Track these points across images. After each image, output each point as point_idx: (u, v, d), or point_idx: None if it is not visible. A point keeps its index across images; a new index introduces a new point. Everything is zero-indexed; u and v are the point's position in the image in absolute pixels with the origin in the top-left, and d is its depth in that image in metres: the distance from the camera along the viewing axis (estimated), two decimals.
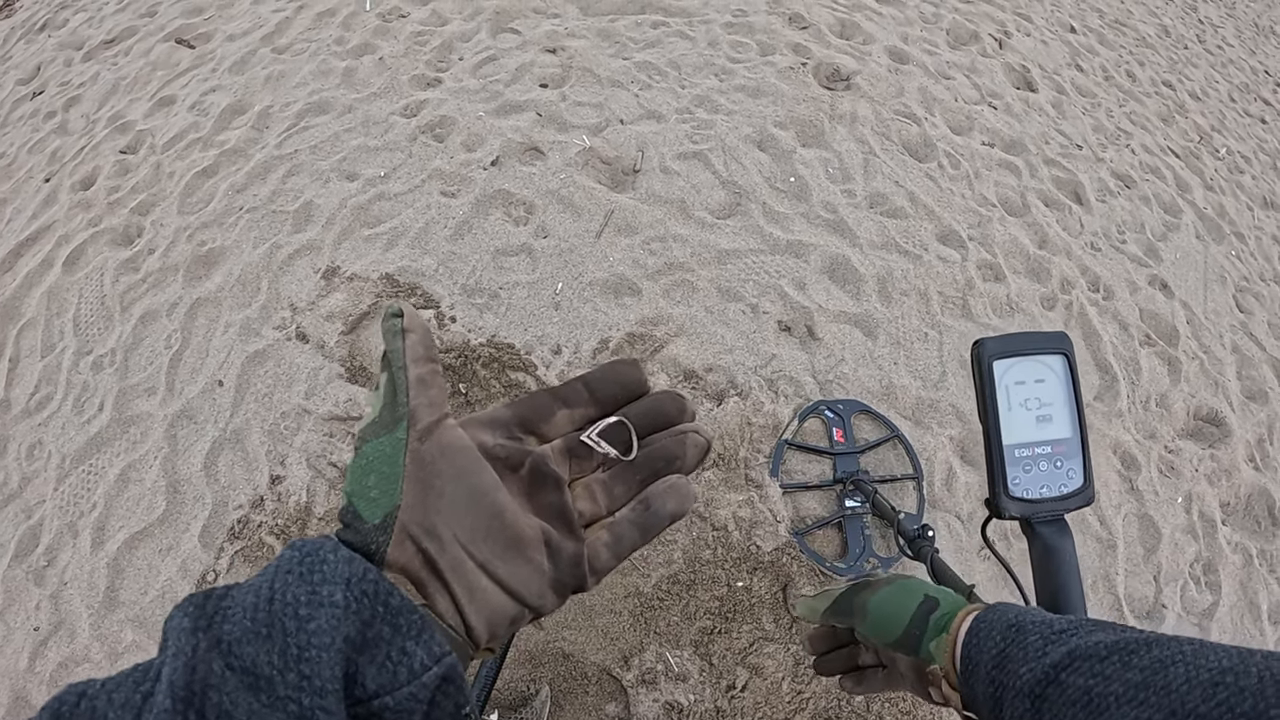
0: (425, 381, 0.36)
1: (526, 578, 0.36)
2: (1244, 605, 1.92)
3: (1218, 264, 2.69)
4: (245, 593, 0.29)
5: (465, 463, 0.36)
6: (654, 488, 0.40)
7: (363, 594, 0.29)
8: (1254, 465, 2.16)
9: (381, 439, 0.35)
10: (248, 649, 0.27)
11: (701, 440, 0.41)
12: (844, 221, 2.30)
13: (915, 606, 0.53)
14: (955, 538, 1.82)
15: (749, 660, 1.62)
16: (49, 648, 1.67)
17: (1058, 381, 0.63)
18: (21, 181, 2.65)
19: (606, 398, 0.41)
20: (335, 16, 2.93)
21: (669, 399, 0.41)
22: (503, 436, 0.39)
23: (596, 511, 0.40)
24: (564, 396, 0.40)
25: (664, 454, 0.40)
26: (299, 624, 0.27)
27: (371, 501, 0.34)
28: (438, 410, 0.36)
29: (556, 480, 0.39)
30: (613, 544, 0.39)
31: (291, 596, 0.28)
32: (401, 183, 2.33)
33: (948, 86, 2.88)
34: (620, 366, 0.41)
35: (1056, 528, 0.62)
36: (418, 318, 0.37)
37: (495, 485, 0.37)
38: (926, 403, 1.98)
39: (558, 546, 0.37)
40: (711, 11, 2.96)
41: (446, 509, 0.35)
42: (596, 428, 0.40)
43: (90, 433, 1.93)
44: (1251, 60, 4.27)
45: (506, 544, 0.36)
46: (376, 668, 0.29)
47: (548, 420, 0.40)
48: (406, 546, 0.34)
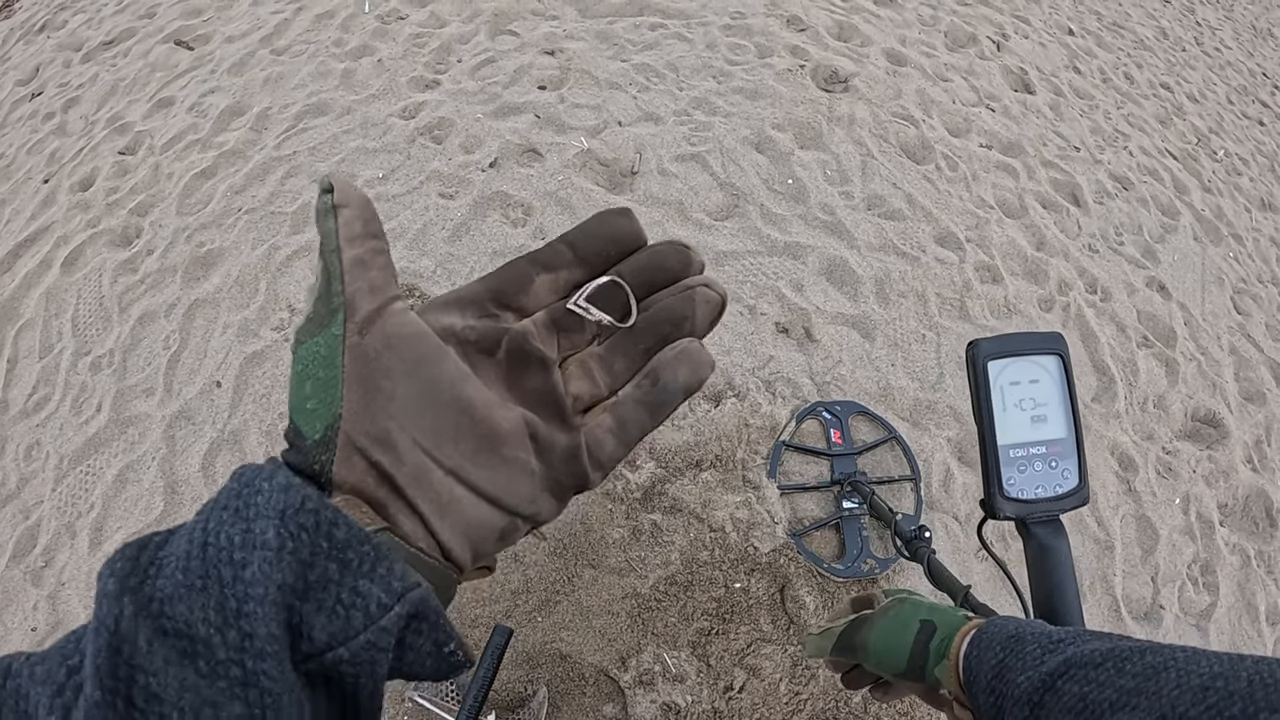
0: (364, 262, 0.30)
1: (510, 480, 0.31)
2: (1242, 606, 1.92)
3: (1215, 266, 2.70)
4: (179, 538, 0.24)
5: (420, 352, 0.31)
6: (661, 356, 0.34)
7: (300, 528, 0.24)
8: (1251, 466, 2.16)
9: (316, 338, 0.30)
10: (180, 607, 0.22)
11: (714, 295, 0.35)
12: (842, 223, 2.30)
13: (913, 638, 0.53)
14: (953, 539, 1.82)
15: (747, 661, 1.62)
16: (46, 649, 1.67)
17: (1052, 382, 0.63)
18: (20, 182, 2.65)
19: (594, 255, 0.34)
20: (334, 18, 2.94)
21: (670, 249, 0.35)
22: (473, 316, 0.33)
23: (595, 392, 0.34)
24: (543, 260, 0.34)
25: (669, 315, 0.34)
26: (235, 571, 0.23)
27: (310, 414, 0.29)
28: (380, 295, 0.30)
29: (541, 359, 0.33)
30: (617, 428, 0.33)
31: (225, 538, 0.23)
32: (400, 184, 2.34)
33: (945, 89, 2.89)
34: (608, 217, 0.35)
35: (1052, 528, 0.62)
36: (352, 190, 0.31)
37: (461, 375, 0.31)
38: (924, 404, 1.98)
39: (547, 439, 0.32)
40: (709, 14, 2.96)
41: (400, 410, 0.30)
42: (585, 291, 0.34)
43: (88, 433, 1.93)
44: (1249, 62, 4.28)
45: (480, 442, 0.31)
46: (325, 615, 0.24)
47: (525, 290, 0.34)
48: (355, 461, 0.29)
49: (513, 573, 1.67)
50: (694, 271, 0.35)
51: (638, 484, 1.77)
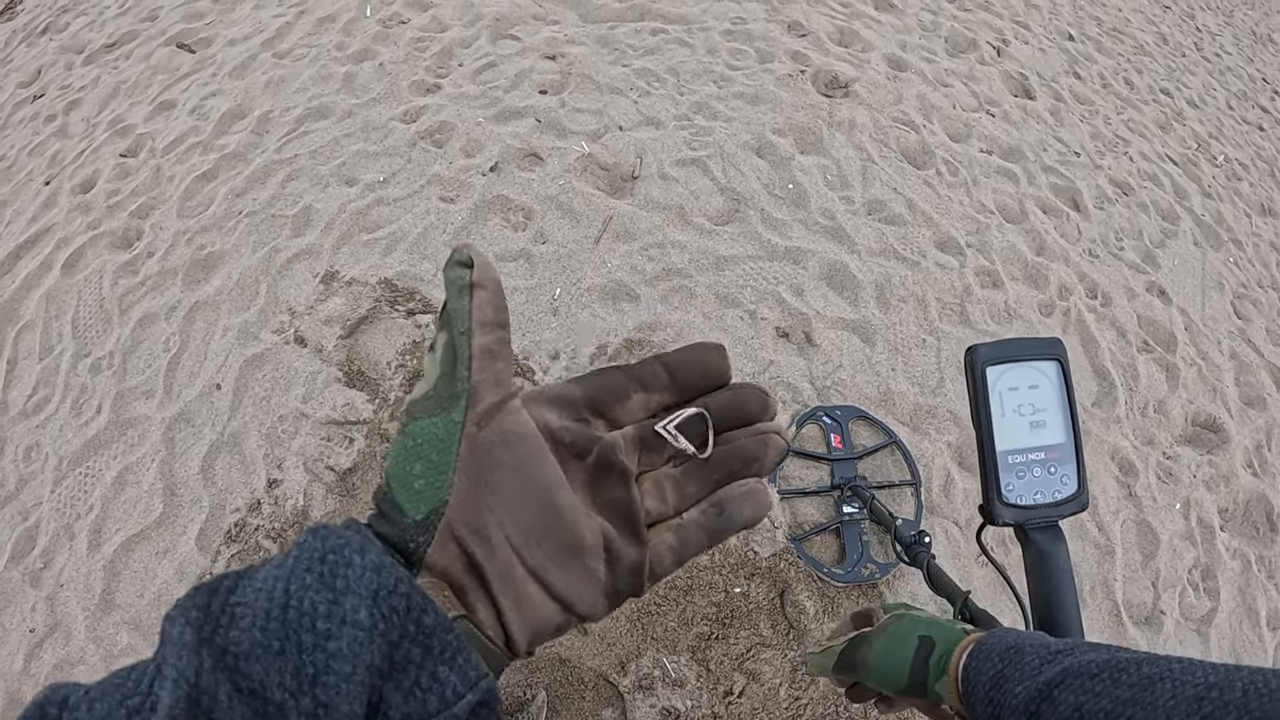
0: (492, 353, 0.31)
1: (580, 585, 0.33)
2: (1242, 611, 1.92)
3: (1216, 271, 2.70)
4: (257, 591, 0.25)
5: (527, 454, 0.32)
6: (729, 490, 0.36)
7: (392, 610, 0.25)
8: (1252, 471, 2.16)
9: (435, 418, 0.31)
10: (256, 666, 0.23)
11: (782, 443, 0.37)
12: (842, 228, 2.30)
13: (912, 655, 0.53)
14: (953, 544, 1.81)
15: (746, 666, 1.62)
16: (44, 650, 1.67)
17: (1051, 387, 0.63)
18: (21, 184, 2.65)
19: (686, 384, 0.36)
20: (336, 22, 2.94)
21: (753, 394, 0.37)
22: (570, 418, 0.34)
23: (663, 510, 0.36)
24: (641, 378, 0.36)
25: (743, 454, 0.36)
26: (316, 640, 0.24)
27: (415, 493, 0.30)
28: (503, 389, 0.32)
29: (624, 473, 0.34)
30: (677, 548, 0.35)
31: (309, 604, 0.24)
32: (400, 188, 2.34)
33: (946, 94, 2.89)
34: (704, 351, 0.37)
35: (1050, 534, 0.62)
36: (490, 270, 0.32)
37: (558, 482, 0.33)
38: (924, 409, 1.98)
39: (619, 552, 0.34)
40: (710, 19, 2.97)
41: (500, 506, 0.31)
42: (674, 419, 0.36)
43: (88, 435, 1.93)
44: (1249, 68, 4.29)
45: (563, 549, 0.32)
46: (403, 695, 0.25)
47: (622, 404, 0.35)
48: (450, 548, 0.30)
49: None
50: (769, 417, 0.38)
51: None
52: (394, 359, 2.00)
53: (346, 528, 0.28)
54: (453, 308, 0.31)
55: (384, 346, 2.02)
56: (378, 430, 1.88)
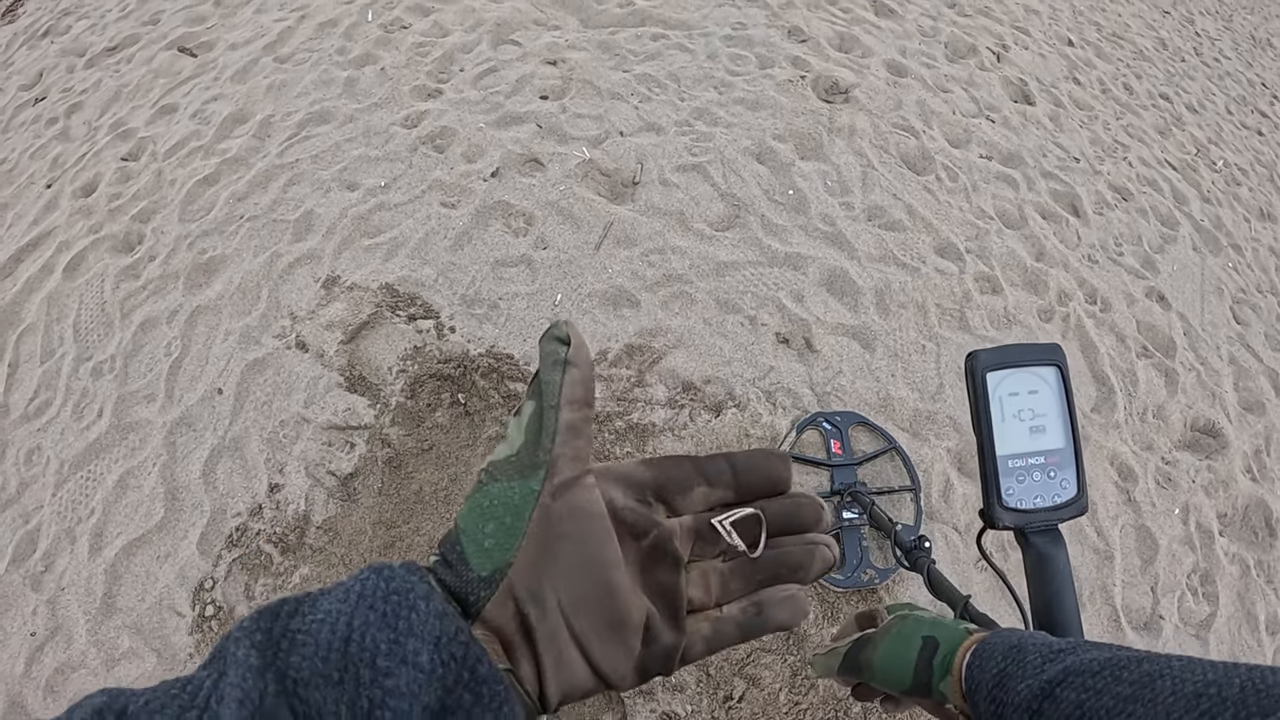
0: (575, 429, 0.34)
1: (616, 659, 0.34)
2: (1241, 616, 1.92)
3: (1215, 276, 2.71)
4: (320, 622, 0.26)
5: (591, 530, 0.34)
6: (770, 593, 0.38)
7: (451, 658, 0.27)
8: (1251, 476, 2.16)
9: (513, 484, 0.33)
10: (315, 693, 0.24)
11: (830, 556, 0.39)
12: (842, 234, 2.31)
13: (916, 655, 0.53)
14: (952, 549, 1.82)
15: (746, 671, 1.62)
16: (45, 653, 1.67)
17: (1051, 393, 0.63)
18: (23, 187, 2.66)
19: (748, 485, 0.38)
20: (337, 26, 2.95)
21: (809, 505, 0.39)
22: (634, 498, 0.36)
23: (705, 601, 0.37)
24: (708, 473, 0.38)
25: (789, 561, 0.38)
26: (375, 675, 0.25)
27: (484, 551, 0.32)
28: (580, 465, 0.34)
29: (676, 560, 0.36)
30: (711, 639, 0.37)
31: (371, 640, 0.26)
32: (402, 193, 2.34)
33: (946, 100, 2.90)
34: (771, 458, 0.39)
35: (1050, 538, 0.62)
36: (584, 350, 0.34)
37: (615, 561, 0.34)
38: (924, 414, 1.99)
39: (657, 633, 0.35)
40: (711, 24, 2.98)
41: (559, 575, 0.33)
42: (731, 515, 0.37)
43: (89, 439, 1.93)
44: (1248, 73, 4.30)
45: (608, 623, 0.34)
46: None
47: (685, 494, 0.37)
48: (508, 607, 0.32)
49: None
50: (820, 528, 0.39)
51: None
52: (395, 364, 2.00)
53: (410, 572, 0.29)
54: (545, 380, 0.34)
55: (385, 352, 2.02)
56: (379, 435, 1.89)
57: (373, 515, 1.80)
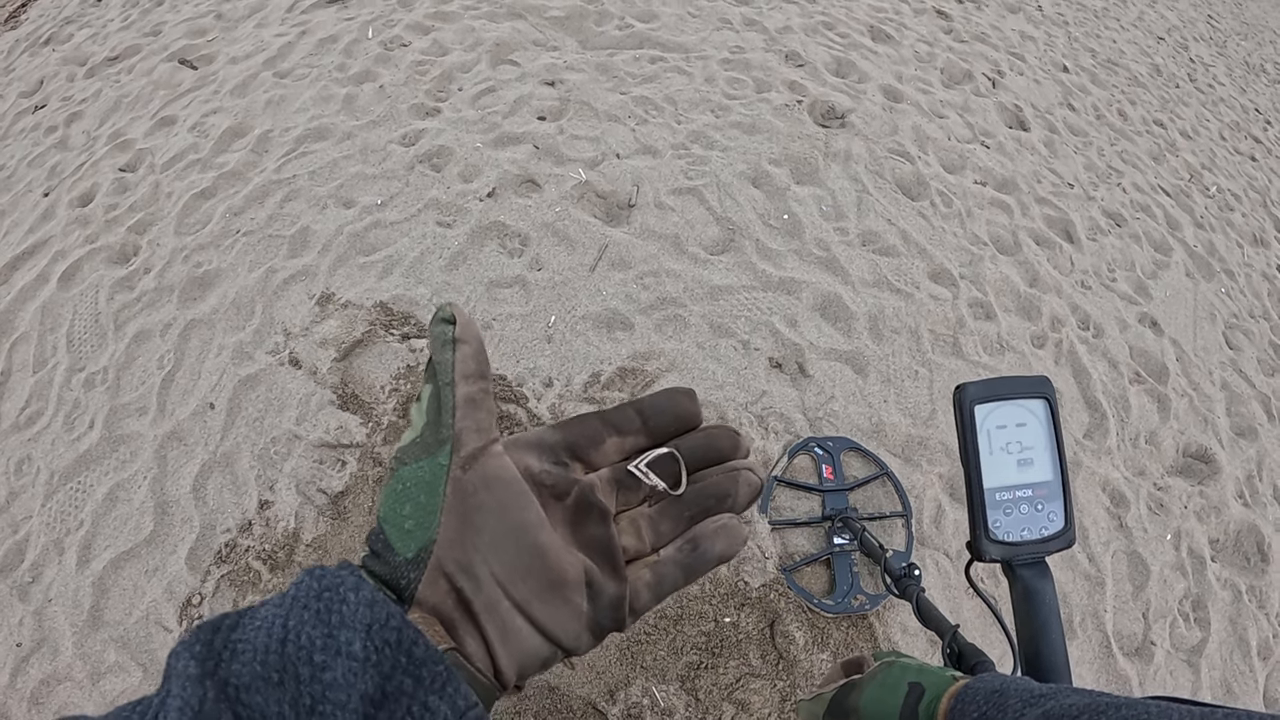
0: (474, 402, 0.34)
1: (564, 619, 0.34)
2: (1233, 642, 1.92)
3: (1208, 301, 2.72)
4: (257, 629, 0.26)
5: (509, 495, 0.34)
6: (702, 527, 0.38)
7: (384, 644, 0.27)
8: (1243, 502, 2.17)
9: (421, 463, 0.33)
10: (256, 697, 0.24)
11: (755, 479, 0.39)
12: (836, 259, 2.32)
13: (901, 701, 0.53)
14: (943, 575, 1.82)
15: (735, 696, 1.61)
16: (31, 664, 1.66)
17: (1039, 425, 0.63)
18: (20, 195, 2.66)
19: (658, 428, 0.38)
20: (337, 43, 2.96)
21: (723, 433, 0.39)
22: (549, 461, 0.36)
23: (640, 548, 0.37)
24: (615, 423, 0.38)
25: (715, 491, 0.38)
26: (313, 671, 0.25)
27: (406, 533, 0.32)
28: (485, 435, 0.34)
29: (603, 513, 0.36)
30: (654, 584, 0.36)
31: (306, 639, 0.25)
32: (398, 211, 2.34)
33: (941, 125, 2.92)
34: (675, 395, 0.39)
35: (1037, 570, 0.63)
36: (472, 326, 0.35)
37: (539, 522, 0.34)
38: (916, 440, 1.99)
39: (600, 587, 0.35)
40: (709, 48, 3.00)
41: (485, 545, 0.33)
42: (646, 458, 0.37)
43: (80, 450, 1.92)
44: (1242, 98, 4.34)
45: (547, 584, 0.34)
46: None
47: (597, 447, 0.37)
48: (439, 584, 0.32)
49: None
50: (741, 455, 0.39)
51: None
52: (388, 383, 2.00)
53: (342, 568, 0.29)
54: (437, 361, 0.34)
55: (378, 370, 2.02)
56: (370, 454, 1.88)
57: (363, 534, 1.79)
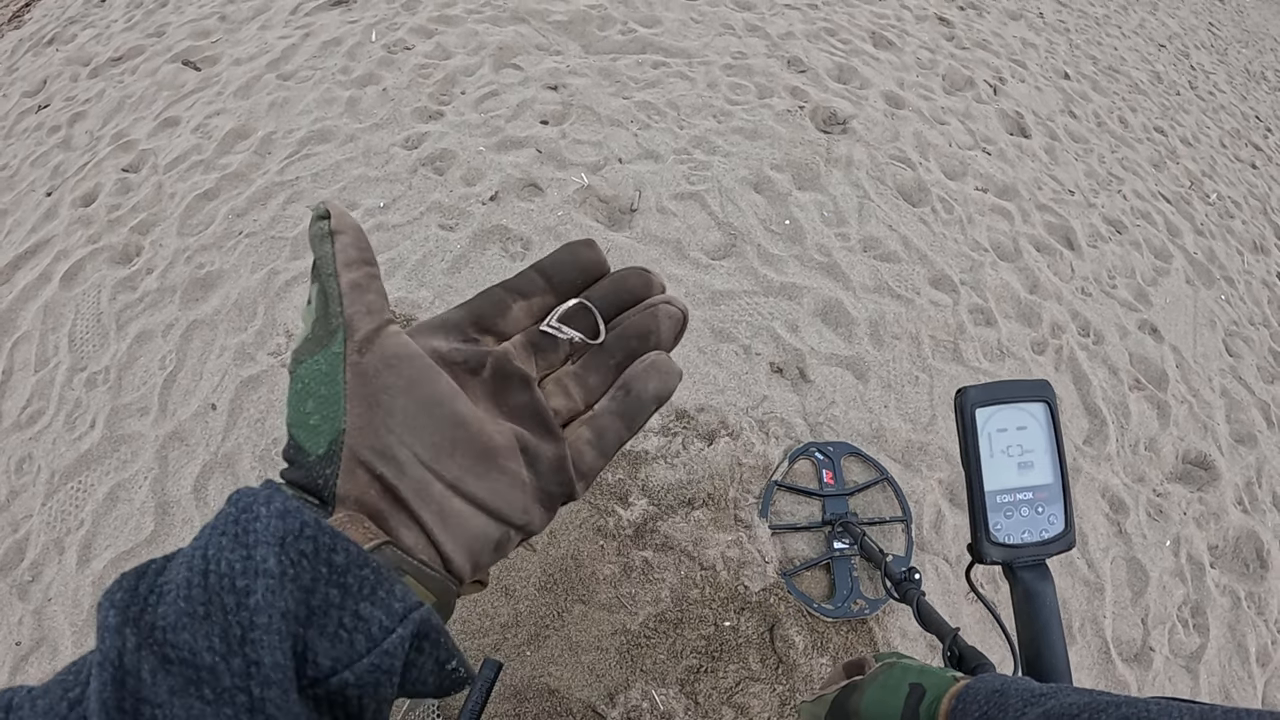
0: (360, 286, 0.32)
1: (506, 491, 0.32)
2: (1232, 648, 1.92)
3: (1207, 308, 2.73)
4: (179, 565, 0.24)
5: (416, 371, 0.32)
6: (631, 370, 0.36)
7: (300, 555, 0.24)
8: (1242, 508, 2.17)
9: (317, 357, 0.31)
10: (184, 635, 0.22)
11: (675, 310, 0.37)
12: (837, 265, 2.32)
13: (903, 702, 0.54)
14: (943, 580, 1.82)
15: (735, 700, 1.61)
16: (30, 663, 1.66)
17: (1039, 429, 0.64)
18: (23, 194, 2.66)
19: (564, 283, 0.37)
20: (341, 46, 2.96)
21: (632, 273, 0.37)
22: (457, 339, 0.35)
23: (573, 407, 0.36)
24: (517, 287, 0.36)
25: (636, 330, 0.36)
26: (238, 599, 0.23)
27: (313, 430, 0.30)
28: (377, 317, 0.32)
29: (524, 378, 0.35)
30: (596, 440, 0.35)
31: (226, 565, 0.23)
32: (400, 214, 2.35)
33: (942, 132, 2.93)
34: (575, 247, 0.37)
35: (1038, 572, 0.63)
36: (347, 217, 0.33)
37: (454, 393, 0.33)
38: (916, 445, 1.99)
39: (536, 451, 0.34)
40: (711, 53, 3.00)
41: (400, 426, 0.31)
42: (556, 313, 0.36)
43: (81, 450, 1.93)
44: (1243, 106, 4.35)
45: (476, 456, 0.32)
46: (328, 640, 0.24)
47: (504, 315, 0.36)
48: (358, 475, 0.30)
49: (502, 606, 1.66)
50: (655, 292, 0.38)
51: (629, 521, 1.78)
52: None
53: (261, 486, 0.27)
54: (318, 255, 0.32)
55: None
56: None
57: None
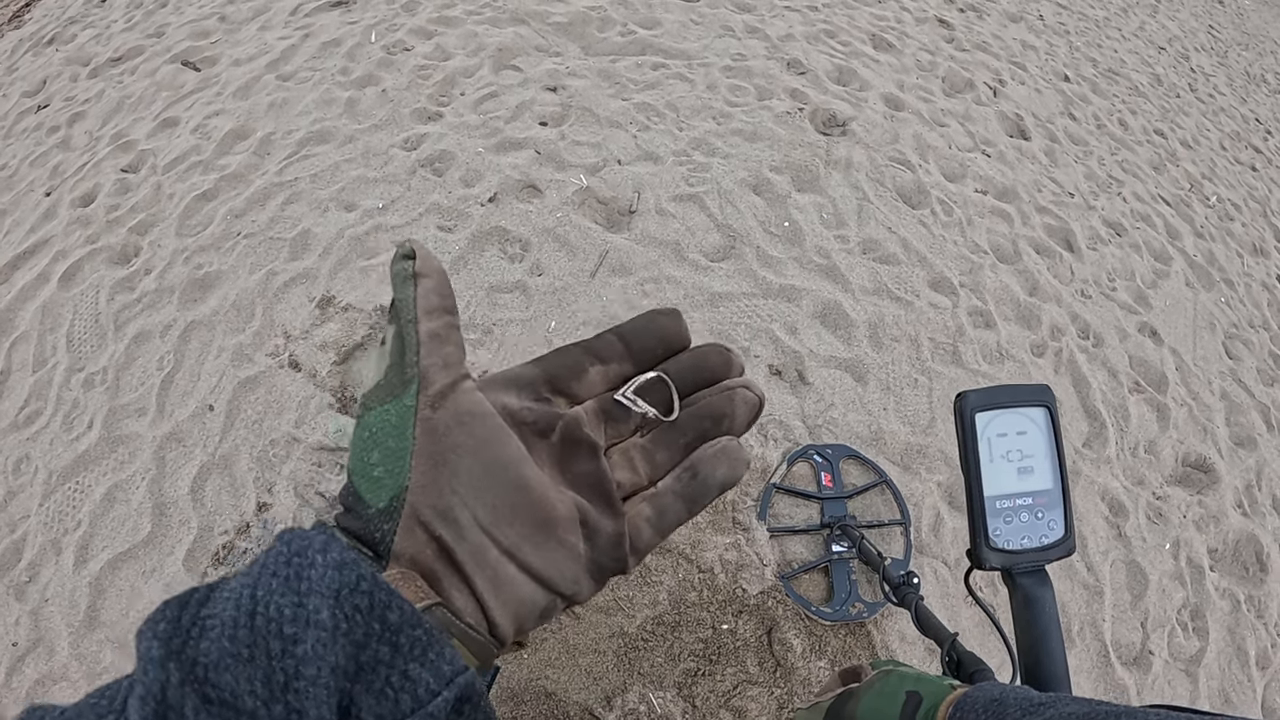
0: (440, 337, 0.31)
1: (560, 563, 0.32)
2: (1231, 651, 1.92)
3: (1207, 311, 2.72)
4: (225, 601, 0.24)
5: (486, 432, 0.31)
6: (701, 453, 0.35)
7: (355, 610, 0.24)
8: (1242, 511, 2.17)
9: (387, 406, 0.31)
10: (226, 676, 0.22)
11: (753, 397, 0.36)
12: (836, 267, 2.32)
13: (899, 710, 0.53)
14: (942, 583, 1.82)
15: (732, 703, 1.61)
16: (26, 664, 1.65)
17: (1039, 434, 0.63)
18: (22, 194, 2.66)
19: (643, 352, 0.36)
20: (340, 46, 2.96)
21: (714, 351, 0.36)
22: (529, 398, 0.34)
23: (636, 481, 0.35)
24: (597, 351, 0.35)
25: (711, 412, 0.35)
26: (284, 645, 0.22)
27: (375, 482, 0.30)
28: (454, 371, 0.31)
29: (592, 447, 0.34)
30: (655, 519, 0.34)
31: (275, 610, 0.23)
32: (399, 215, 2.34)
33: (942, 134, 2.92)
34: (658, 317, 0.36)
35: (1037, 578, 0.62)
36: (433, 260, 0.32)
37: (521, 457, 0.32)
38: (915, 448, 1.99)
39: (595, 525, 0.33)
40: (711, 55, 3.00)
41: (464, 487, 0.30)
42: (633, 385, 0.35)
43: (78, 450, 1.92)
44: (1243, 108, 4.35)
45: (536, 525, 0.31)
46: (374, 697, 0.24)
47: (579, 378, 0.35)
48: (417, 534, 0.29)
49: None
50: (735, 373, 0.37)
51: None
52: None
53: (314, 529, 0.27)
54: (399, 298, 0.31)
55: None
56: None
57: None
